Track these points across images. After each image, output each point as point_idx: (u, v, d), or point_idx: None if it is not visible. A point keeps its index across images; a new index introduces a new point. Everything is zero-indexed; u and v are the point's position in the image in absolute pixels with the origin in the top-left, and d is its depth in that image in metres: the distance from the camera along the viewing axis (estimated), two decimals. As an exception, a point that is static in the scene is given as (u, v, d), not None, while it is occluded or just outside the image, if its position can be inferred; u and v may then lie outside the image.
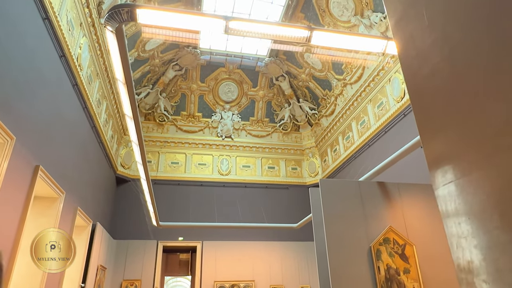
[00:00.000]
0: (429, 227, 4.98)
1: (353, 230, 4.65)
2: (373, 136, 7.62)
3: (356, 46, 2.46)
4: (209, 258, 8.85)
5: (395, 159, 5.17)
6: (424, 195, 5.17)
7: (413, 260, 4.63)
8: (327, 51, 5.44)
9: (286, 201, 10.00)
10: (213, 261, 8.84)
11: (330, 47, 2.33)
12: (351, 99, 8.57)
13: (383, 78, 7.37)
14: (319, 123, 10.36)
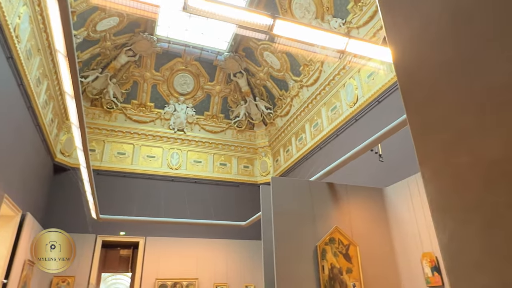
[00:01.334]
0: (373, 229, 5.15)
1: (301, 229, 4.67)
2: (325, 139, 7.79)
3: (318, 40, 2.42)
4: (152, 255, 8.48)
5: (345, 161, 5.28)
6: (370, 198, 5.35)
7: (356, 260, 4.75)
8: (289, 42, 5.44)
9: (236, 199, 9.90)
10: (156, 257, 8.48)
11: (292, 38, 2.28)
12: (306, 101, 8.69)
13: (338, 82, 7.56)
14: (273, 123, 10.41)
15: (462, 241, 0.47)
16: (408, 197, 5.00)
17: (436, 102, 0.56)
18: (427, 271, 4.55)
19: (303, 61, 8.42)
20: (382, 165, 5.58)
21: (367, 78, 6.67)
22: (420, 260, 4.65)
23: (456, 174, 0.49)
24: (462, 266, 0.46)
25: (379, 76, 6.33)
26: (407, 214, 4.98)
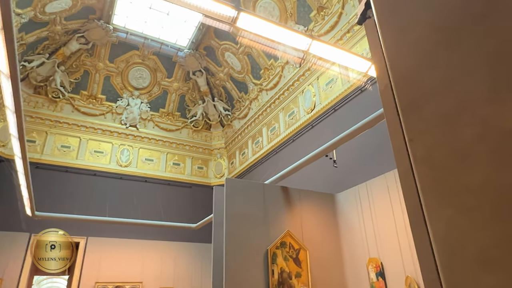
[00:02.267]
0: (323, 234, 5.22)
1: (253, 232, 4.59)
2: (281, 143, 7.83)
3: (281, 38, 2.37)
4: (93, 256, 7.94)
5: (300, 166, 5.31)
6: (322, 203, 5.42)
7: (305, 264, 4.77)
8: (252, 37, 5.37)
9: (188, 201, 9.62)
10: (97, 259, 7.94)
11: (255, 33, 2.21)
12: (265, 105, 8.70)
13: (297, 88, 7.65)
14: (231, 125, 10.30)
15: (464, 233, 0.39)
16: (358, 204, 5.13)
17: (435, 62, 0.48)
18: (372, 276, 4.68)
19: (264, 64, 8.43)
20: (335, 172, 5.69)
21: (325, 86, 6.81)
22: (366, 265, 4.78)
23: (458, 150, 0.41)
24: (463, 263, 0.39)
25: (336, 85, 6.49)
26: (356, 220, 5.10)
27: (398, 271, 4.36)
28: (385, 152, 5.12)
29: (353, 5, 6.16)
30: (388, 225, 4.60)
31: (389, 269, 4.49)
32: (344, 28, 6.30)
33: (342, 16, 6.41)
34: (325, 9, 6.67)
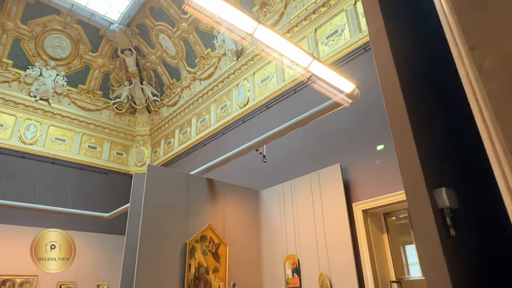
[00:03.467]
0: (245, 229, 5.16)
1: (173, 223, 4.33)
2: (210, 135, 7.62)
3: (228, 16, 2.20)
4: (-23, 245, 6.80)
5: (228, 159, 5.18)
6: (246, 198, 5.36)
7: (224, 259, 4.65)
8: (197, 7, 5.08)
9: (102, 188, 8.83)
10: (-18, 248, 6.83)
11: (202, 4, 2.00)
12: (197, 95, 8.40)
13: (232, 82, 7.52)
14: (158, 112, 9.75)
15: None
16: (281, 201, 5.18)
17: None
18: (288, 273, 4.76)
19: (201, 53, 8.13)
20: (262, 168, 5.68)
21: (260, 82, 6.79)
22: (284, 262, 4.85)
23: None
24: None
25: (272, 82, 6.51)
26: (278, 217, 5.15)
27: (313, 268, 4.49)
28: (312, 152, 5.26)
29: (295, 6, 6.24)
30: (308, 224, 4.72)
31: (305, 266, 4.61)
32: (285, 28, 6.35)
33: (284, 16, 6.45)
34: (268, 6, 6.65)
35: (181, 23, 8.03)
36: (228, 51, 7.40)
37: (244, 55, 7.24)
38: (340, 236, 4.32)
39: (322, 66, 2.82)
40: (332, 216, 4.47)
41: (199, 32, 7.93)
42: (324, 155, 5.02)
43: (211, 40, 7.82)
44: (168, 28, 8.37)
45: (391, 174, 4.22)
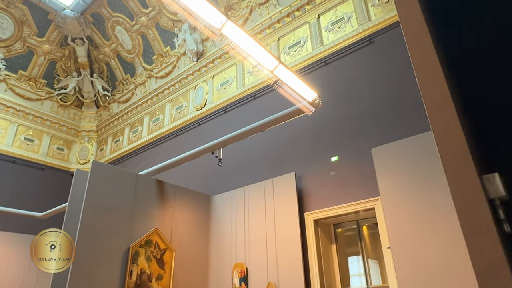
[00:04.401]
0: (193, 235, 4.95)
1: (116, 226, 4.01)
2: (163, 136, 7.31)
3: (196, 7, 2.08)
4: None
5: (180, 161, 4.97)
6: (197, 203, 5.16)
7: (169, 266, 4.40)
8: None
9: (38, 186, 8.06)
10: None
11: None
12: (152, 93, 8.05)
13: (190, 83, 7.32)
14: (108, 107, 9.20)
15: None
16: (233, 208, 5.06)
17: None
18: (235, 282, 4.62)
19: (159, 50, 7.83)
20: (215, 173, 5.54)
21: (219, 86, 6.67)
22: (232, 270, 4.70)
23: None
24: None
25: (231, 87, 6.42)
26: (228, 224, 5.01)
27: (261, 277, 4.40)
28: (267, 159, 5.23)
29: (260, 14, 6.25)
30: (259, 232, 4.64)
31: (253, 275, 4.51)
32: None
33: (248, 22, 6.43)
34: (233, 10, 6.59)
35: (141, 17, 7.69)
36: (189, 51, 7.21)
37: (204, 56, 7.09)
38: (291, 245, 4.29)
39: (287, 72, 2.79)
40: (284, 225, 4.44)
41: (159, 28, 7.65)
42: (280, 163, 5.00)
43: (171, 38, 7.57)
44: (126, 20, 7.97)
45: (343, 185, 4.30)
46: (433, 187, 3.40)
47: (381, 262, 5.38)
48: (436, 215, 3.29)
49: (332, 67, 5.14)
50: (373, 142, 4.03)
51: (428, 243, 3.26)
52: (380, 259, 5.38)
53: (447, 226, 3.20)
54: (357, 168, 4.22)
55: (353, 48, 4.99)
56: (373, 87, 4.53)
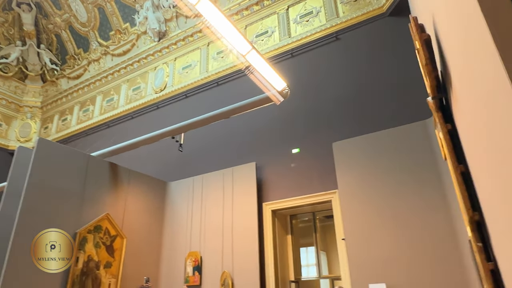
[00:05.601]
0: (147, 222, 4.75)
1: (62, 209, 3.71)
2: (117, 118, 6.92)
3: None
4: None
5: (136, 144, 4.74)
6: (152, 189, 4.96)
7: (119, 253, 4.18)
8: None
9: (-33, 162, 7.26)
10: None
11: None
12: (107, 71, 7.56)
13: (150, 63, 6.98)
14: (56, 83, 8.50)
15: None
16: (190, 195, 4.92)
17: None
18: (188, 270, 4.52)
19: (117, 26, 7.36)
20: (174, 159, 5.35)
21: (181, 69, 6.43)
22: (185, 258, 4.59)
23: None
24: None
25: (194, 71, 6.22)
26: (184, 212, 4.88)
27: (216, 266, 4.35)
28: (228, 148, 5.14)
29: None
30: (215, 221, 4.57)
31: (208, 264, 4.44)
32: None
33: (216, 5, 6.23)
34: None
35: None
36: (150, 30, 6.85)
37: (167, 37, 6.78)
38: (248, 235, 4.27)
39: (259, 58, 2.72)
40: (241, 215, 4.41)
41: (118, 2, 7.17)
42: (241, 152, 4.95)
43: (132, 15, 7.14)
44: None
45: (302, 177, 4.36)
46: (389, 183, 3.55)
47: (328, 254, 5.58)
48: (391, 209, 3.44)
49: (298, 60, 5.16)
50: (334, 137, 4.12)
51: (381, 236, 3.40)
52: (328, 250, 5.58)
53: (401, 220, 3.36)
54: (317, 161, 4.29)
55: (320, 43, 5.04)
56: (337, 83, 4.62)
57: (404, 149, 3.59)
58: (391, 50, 4.36)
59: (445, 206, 3.21)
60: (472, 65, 0.64)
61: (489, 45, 0.53)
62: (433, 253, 3.11)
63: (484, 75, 0.58)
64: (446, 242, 3.09)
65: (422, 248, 3.17)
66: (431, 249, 3.13)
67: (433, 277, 3.03)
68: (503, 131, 0.57)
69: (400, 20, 4.40)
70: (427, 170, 3.42)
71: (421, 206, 3.32)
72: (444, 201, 3.24)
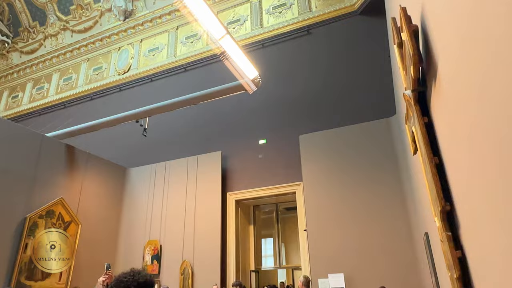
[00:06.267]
0: (104, 208, 4.54)
1: (9, 192, 3.44)
2: (75, 98, 6.51)
3: None
4: None
5: (96, 127, 4.52)
6: (111, 175, 4.74)
7: (73, 241, 3.97)
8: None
9: None
10: None
11: None
12: (65, 48, 7.09)
13: (113, 43, 6.63)
14: (6, 56, 7.83)
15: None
16: (152, 183, 4.77)
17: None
18: (147, 259, 4.39)
19: (79, 0, 6.90)
20: (136, 145, 5.15)
21: (147, 52, 6.18)
22: (144, 247, 4.46)
23: None
24: None
25: (161, 54, 5.99)
26: (145, 199, 4.72)
27: (176, 255, 4.26)
28: (194, 135, 5.03)
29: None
30: (178, 209, 4.47)
31: (168, 253, 4.34)
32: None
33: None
34: (171, -28, 6.11)
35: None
36: (115, 8, 6.49)
37: (133, 17, 6.46)
38: (210, 224, 4.23)
39: (233, 44, 2.65)
40: (205, 204, 4.35)
41: (81, -25, 6.72)
42: (207, 140, 4.86)
43: (96, -10, 6.73)
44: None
45: (268, 168, 4.37)
46: (352, 177, 3.66)
47: (288, 245, 5.69)
48: (352, 203, 3.55)
49: (269, 51, 5.14)
50: (301, 130, 4.17)
51: (341, 228, 3.50)
52: (287, 241, 5.68)
53: (361, 213, 3.48)
54: (283, 153, 4.32)
55: (291, 35, 5.05)
56: (306, 77, 4.66)
57: (367, 145, 3.71)
58: (360, 48, 4.47)
59: (401, 200, 3.37)
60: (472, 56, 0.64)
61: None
62: (389, 245, 3.26)
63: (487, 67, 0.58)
64: (402, 235, 3.25)
65: (379, 240, 3.31)
66: (388, 241, 3.28)
67: (388, 267, 3.18)
68: (498, 125, 0.57)
69: (370, 19, 4.51)
70: (387, 166, 3.56)
71: (380, 200, 3.45)
72: (401, 196, 3.40)
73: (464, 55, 0.71)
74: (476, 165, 0.77)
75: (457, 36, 0.73)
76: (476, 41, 0.64)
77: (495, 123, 0.62)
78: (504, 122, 0.59)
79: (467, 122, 0.76)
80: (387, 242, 3.27)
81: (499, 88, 0.58)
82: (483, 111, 0.66)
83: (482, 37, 0.62)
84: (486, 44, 0.62)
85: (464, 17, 0.70)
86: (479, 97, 0.67)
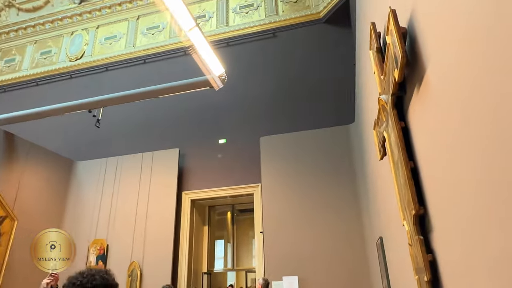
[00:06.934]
0: (44, 203, 4.18)
1: None
2: (18, 82, 5.94)
3: None
4: None
5: (40, 115, 4.18)
6: (56, 168, 4.39)
7: (7, 238, 3.60)
8: None
9: None
10: None
11: None
12: (9, 27, 6.46)
13: (66, 27, 6.17)
14: None
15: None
16: (101, 178, 4.49)
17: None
18: (91, 259, 4.11)
19: (29, -24, 6.34)
20: (85, 137, 4.81)
21: (104, 40, 5.82)
22: (89, 246, 4.16)
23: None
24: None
25: (118, 44, 5.68)
26: (93, 195, 4.42)
27: (124, 256, 4.03)
28: (150, 131, 4.81)
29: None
30: (128, 207, 4.24)
31: (115, 253, 4.09)
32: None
33: (151, -23, 5.79)
34: (135, -41, 5.83)
35: None
36: (73, -12, 6.05)
37: (90, 1, 6.06)
38: (163, 223, 4.06)
39: (201, 38, 2.56)
40: (159, 202, 4.17)
41: (33, -51, 6.18)
42: (164, 137, 4.68)
43: (49, -33, 6.22)
44: None
45: (226, 169, 4.30)
46: (310, 181, 3.71)
47: (240, 247, 5.65)
48: (308, 206, 3.60)
49: (234, 51, 5.07)
50: (262, 131, 4.16)
51: (297, 231, 3.53)
52: (239, 244, 5.63)
53: (317, 218, 3.53)
54: (243, 154, 4.28)
55: (257, 36, 5.03)
56: (269, 80, 4.67)
57: (325, 150, 3.79)
58: (323, 55, 4.57)
59: (356, 205, 3.48)
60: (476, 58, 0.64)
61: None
62: (343, 249, 3.34)
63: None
64: (355, 239, 3.34)
65: (333, 243, 3.38)
66: (341, 245, 3.36)
67: (342, 270, 3.25)
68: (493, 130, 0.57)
69: (335, 28, 4.63)
70: (343, 171, 3.66)
71: (336, 204, 3.54)
72: (355, 201, 3.51)
73: (455, 60, 0.72)
74: (456, 171, 0.78)
75: (449, 40, 0.73)
76: (469, 43, 0.65)
77: (480, 130, 0.63)
78: (489, 129, 0.59)
79: (451, 128, 0.77)
80: (341, 246, 3.35)
81: (487, 95, 0.58)
82: (469, 118, 0.67)
83: (475, 39, 0.62)
84: (478, 48, 0.62)
85: (456, 21, 0.71)
86: (466, 103, 0.67)
